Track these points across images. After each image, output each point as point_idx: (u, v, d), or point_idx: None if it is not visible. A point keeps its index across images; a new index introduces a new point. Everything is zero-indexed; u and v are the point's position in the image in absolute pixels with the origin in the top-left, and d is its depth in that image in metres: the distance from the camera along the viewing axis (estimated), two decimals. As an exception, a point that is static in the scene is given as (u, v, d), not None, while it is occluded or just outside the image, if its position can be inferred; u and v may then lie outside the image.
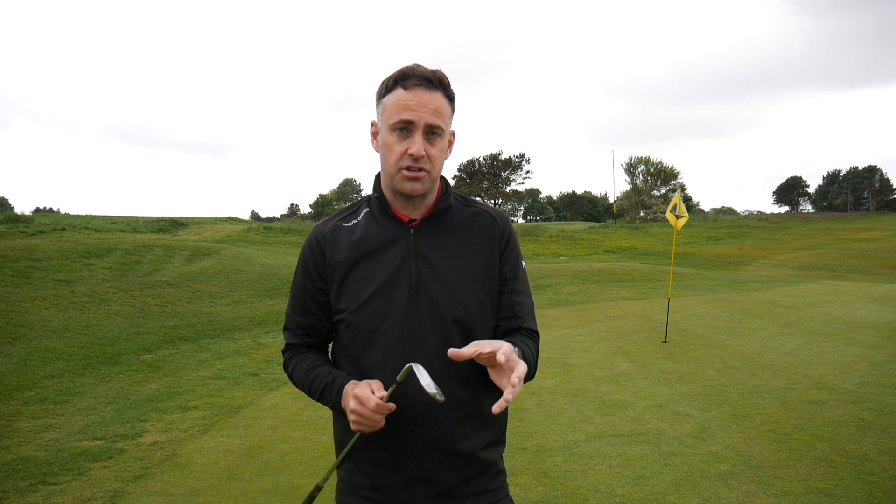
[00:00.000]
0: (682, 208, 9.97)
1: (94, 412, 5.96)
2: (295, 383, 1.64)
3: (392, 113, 1.47)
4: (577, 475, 4.26)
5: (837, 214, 65.25)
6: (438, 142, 1.49)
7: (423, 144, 1.46)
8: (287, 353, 1.68)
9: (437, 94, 1.48)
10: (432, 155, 1.48)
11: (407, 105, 1.45)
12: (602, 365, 7.79)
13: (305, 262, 1.60)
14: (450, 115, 1.53)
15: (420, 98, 1.45)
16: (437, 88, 1.48)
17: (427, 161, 1.47)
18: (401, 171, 1.48)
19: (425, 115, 1.45)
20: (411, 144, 1.46)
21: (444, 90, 1.50)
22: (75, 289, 10.84)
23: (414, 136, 1.46)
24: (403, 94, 1.46)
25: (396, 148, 1.47)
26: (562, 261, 26.34)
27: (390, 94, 1.48)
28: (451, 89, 1.52)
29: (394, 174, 1.50)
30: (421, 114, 1.45)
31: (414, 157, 1.46)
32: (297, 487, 4.15)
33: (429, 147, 1.47)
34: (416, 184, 1.48)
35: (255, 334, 10.14)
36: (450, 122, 1.54)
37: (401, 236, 1.54)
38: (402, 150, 1.47)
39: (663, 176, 66.44)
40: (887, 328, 10.23)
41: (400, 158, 1.47)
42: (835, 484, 4.01)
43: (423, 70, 1.47)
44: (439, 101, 1.48)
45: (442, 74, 1.50)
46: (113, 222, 34.69)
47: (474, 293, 1.54)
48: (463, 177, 66.19)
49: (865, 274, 24.65)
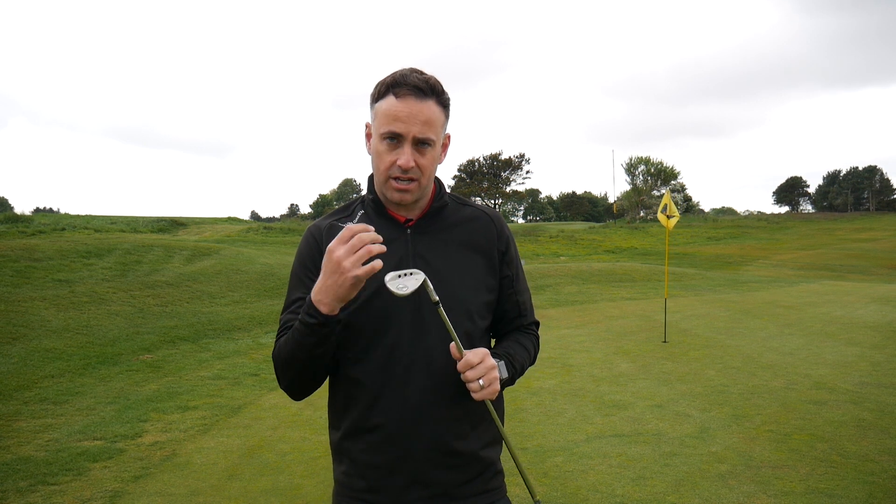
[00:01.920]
0: (673, 208, 10.02)
1: (94, 412, 5.96)
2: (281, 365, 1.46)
3: (382, 122, 1.45)
4: (577, 475, 4.26)
5: (837, 214, 65.25)
6: (429, 151, 1.48)
7: (411, 156, 1.44)
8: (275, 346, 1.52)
9: (428, 103, 1.45)
10: (422, 165, 1.47)
11: (397, 116, 1.43)
12: (602, 365, 7.79)
13: (303, 259, 1.58)
14: (443, 122, 1.50)
15: (410, 109, 1.43)
16: (429, 97, 1.45)
17: (416, 171, 1.46)
18: (389, 181, 1.47)
19: (414, 128, 1.43)
20: (400, 156, 1.44)
21: (436, 97, 1.47)
22: (75, 289, 10.84)
23: (403, 148, 1.45)
24: (394, 104, 1.43)
25: (386, 157, 1.46)
26: (562, 261, 26.34)
27: (382, 101, 1.46)
28: (444, 96, 1.49)
29: (383, 182, 1.49)
30: (410, 126, 1.43)
31: (402, 169, 1.45)
32: (297, 487, 4.15)
33: (418, 157, 1.46)
34: (406, 195, 1.48)
35: (255, 334, 10.14)
36: (443, 129, 1.51)
37: (398, 236, 1.53)
38: (391, 161, 1.45)
39: (663, 176, 66.41)
40: (887, 328, 10.22)
41: (389, 168, 1.46)
42: (835, 484, 4.01)
43: (414, 79, 1.44)
44: (430, 110, 1.45)
45: (435, 81, 1.47)
46: (113, 222, 34.67)
47: (473, 291, 1.54)
48: (463, 177, 66.18)
49: (865, 274, 24.65)
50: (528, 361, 1.62)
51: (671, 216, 9.99)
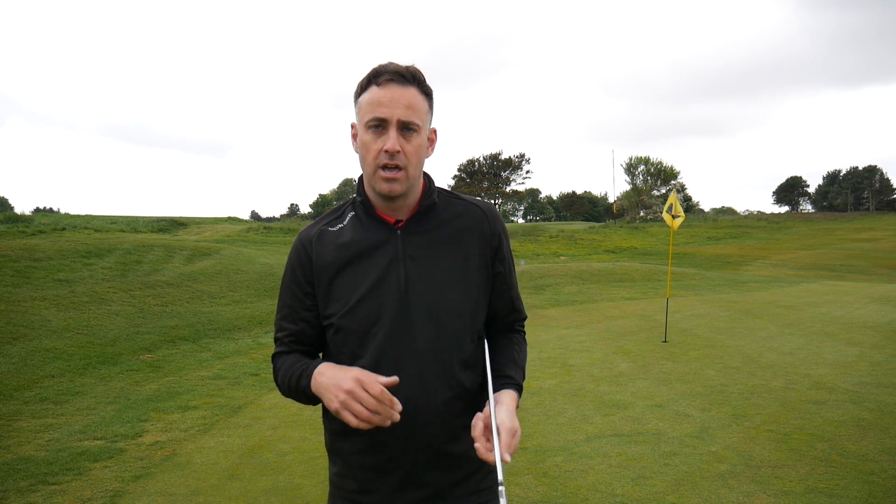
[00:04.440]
0: (678, 208, 10.03)
1: (95, 412, 5.96)
2: (281, 388, 1.56)
3: (366, 111, 1.45)
4: (577, 475, 4.26)
5: (837, 214, 65.26)
6: (414, 138, 1.46)
7: (397, 140, 1.43)
8: (275, 362, 1.62)
9: (410, 90, 1.45)
10: (408, 151, 1.45)
11: (380, 101, 1.43)
12: (602, 365, 7.79)
13: (293, 268, 1.57)
14: (426, 111, 1.49)
15: (393, 94, 1.43)
16: (411, 84, 1.45)
17: (403, 157, 1.44)
18: (378, 171, 1.46)
19: (398, 111, 1.43)
20: (386, 141, 1.44)
21: (418, 85, 1.46)
22: (75, 289, 10.84)
23: (388, 133, 1.44)
24: (376, 91, 1.44)
25: (372, 146, 1.45)
26: (562, 261, 26.34)
27: (365, 93, 1.46)
28: (426, 85, 1.48)
29: (371, 174, 1.47)
30: (393, 109, 1.42)
31: (389, 154, 1.43)
32: (297, 487, 4.15)
33: (404, 143, 1.44)
34: (395, 184, 1.46)
35: (255, 334, 10.14)
36: (427, 118, 1.50)
37: (388, 238, 1.51)
38: (378, 148, 1.44)
39: (663, 176, 66.45)
40: (887, 328, 10.22)
41: (376, 156, 1.45)
42: (835, 484, 4.01)
43: (395, 66, 1.45)
44: (413, 96, 1.45)
45: (416, 70, 1.47)
46: (113, 222, 34.69)
47: (465, 292, 1.52)
48: (463, 177, 66.20)
49: (865, 274, 24.65)
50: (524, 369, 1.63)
51: (676, 216, 10.00)
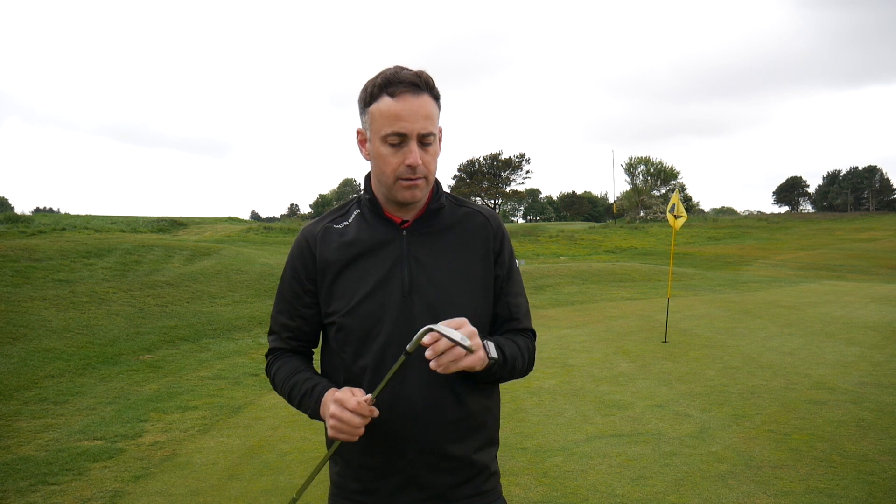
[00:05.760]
0: (681, 208, 10.06)
1: (94, 412, 5.96)
2: (276, 389, 1.60)
3: (382, 124, 1.43)
4: (577, 475, 4.26)
5: (837, 214, 65.30)
6: (431, 148, 1.47)
7: (418, 154, 1.43)
8: (270, 357, 1.64)
9: (424, 98, 1.44)
10: (427, 161, 1.46)
11: (399, 115, 1.41)
12: (602, 365, 7.79)
13: (294, 264, 1.58)
14: (438, 115, 1.49)
15: (410, 106, 1.41)
16: (424, 91, 1.44)
17: (423, 168, 1.45)
18: (398, 181, 1.46)
19: (417, 125, 1.42)
20: (407, 155, 1.43)
21: (430, 92, 1.45)
22: (75, 289, 10.84)
23: (409, 146, 1.43)
24: (392, 104, 1.41)
25: (392, 160, 1.44)
26: (562, 261, 26.34)
27: (377, 103, 1.44)
28: (436, 89, 1.48)
29: (391, 184, 1.47)
30: (413, 124, 1.41)
31: (412, 168, 1.44)
32: (297, 488, 4.15)
33: (423, 154, 1.45)
34: (416, 191, 1.47)
35: (255, 334, 10.14)
36: (438, 122, 1.51)
37: (393, 238, 1.52)
38: (399, 162, 1.44)
39: (663, 176, 66.53)
40: (887, 328, 10.22)
41: (397, 169, 1.45)
42: (835, 484, 4.01)
43: (407, 75, 1.43)
44: (428, 104, 1.44)
45: (427, 76, 1.46)
46: (113, 222, 34.70)
47: (468, 294, 1.52)
48: (463, 177, 66.24)
49: (865, 274, 24.65)
50: (518, 357, 1.53)
51: (678, 216, 10.03)
